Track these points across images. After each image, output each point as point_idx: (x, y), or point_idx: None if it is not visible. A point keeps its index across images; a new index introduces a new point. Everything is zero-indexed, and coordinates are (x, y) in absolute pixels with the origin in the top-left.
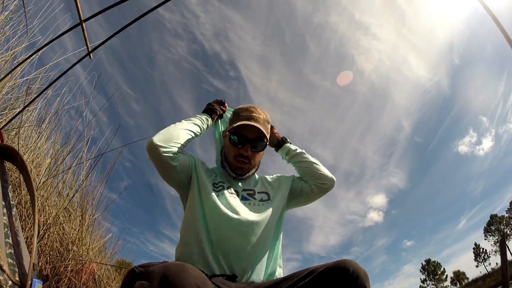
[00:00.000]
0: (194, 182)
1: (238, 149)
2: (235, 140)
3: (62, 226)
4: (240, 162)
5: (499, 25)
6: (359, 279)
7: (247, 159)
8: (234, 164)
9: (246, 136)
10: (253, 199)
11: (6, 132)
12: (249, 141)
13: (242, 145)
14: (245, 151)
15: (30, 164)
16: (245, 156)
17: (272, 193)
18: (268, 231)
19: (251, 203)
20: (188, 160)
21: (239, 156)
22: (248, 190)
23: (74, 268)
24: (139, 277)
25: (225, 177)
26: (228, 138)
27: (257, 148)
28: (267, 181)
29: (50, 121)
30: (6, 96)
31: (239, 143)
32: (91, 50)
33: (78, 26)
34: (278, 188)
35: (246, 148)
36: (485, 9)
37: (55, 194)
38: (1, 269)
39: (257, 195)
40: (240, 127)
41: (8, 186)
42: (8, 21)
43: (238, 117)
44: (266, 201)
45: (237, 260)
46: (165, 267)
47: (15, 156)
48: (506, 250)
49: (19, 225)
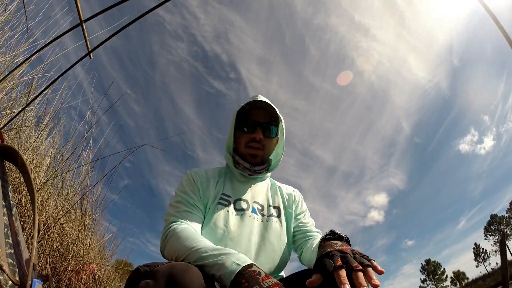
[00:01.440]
0: None
1: (249, 134)
2: (246, 125)
3: (62, 226)
4: (252, 148)
5: (499, 25)
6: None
7: (260, 144)
8: (247, 153)
9: (258, 120)
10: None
11: (6, 132)
12: (260, 125)
13: (253, 130)
14: (257, 135)
15: (30, 164)
16: (257, 140)
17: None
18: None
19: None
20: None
21: (251, 141)
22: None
23: (74, 268)
24: (144, 276)
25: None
26: (237, 128)
27: (270, 133)
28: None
29: (50, 121)
30: (6, 96)
31: (250, 128)
32: (91, 50)
33: (78, 26)
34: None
35: (258, 132)
36: (485, 9)
37: (55, 194)
38: (1, 269)
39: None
40: (247, 112)
41: (8, 186)
42: (9, 21)
43: (243, 108)
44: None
45: None
46: (170, 266)
47: (15, 156)
48: (506, 250)
49: (19, 225)
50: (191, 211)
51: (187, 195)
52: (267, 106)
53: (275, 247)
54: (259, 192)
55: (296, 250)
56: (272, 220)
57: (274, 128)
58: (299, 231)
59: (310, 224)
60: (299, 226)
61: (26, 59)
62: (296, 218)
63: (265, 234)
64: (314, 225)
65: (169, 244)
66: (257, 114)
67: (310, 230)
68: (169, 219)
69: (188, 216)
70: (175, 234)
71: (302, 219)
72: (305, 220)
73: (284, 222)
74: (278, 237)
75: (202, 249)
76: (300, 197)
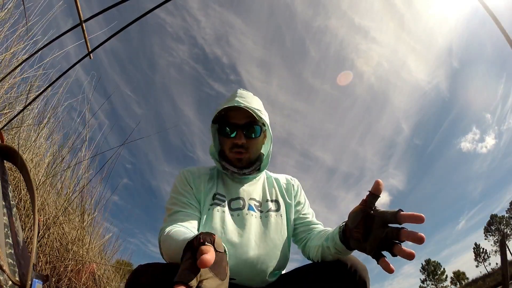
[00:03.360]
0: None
1: (231, 139)
2: (225, 130)
3: (62, 226)
4: (236, 153)
5: (499, 25)
6: (358, 274)
7: (243, 148)
8: (232, 157)
9: (235, 123)
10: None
11: (6, 132)
12: (240, 127)
13: (233, 133)
14: (238, 140)
15: (30, 163)
16: (240, 145)
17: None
18: None
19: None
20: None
21: (233, 146)
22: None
23: (74, 268)
24: (145, 273)
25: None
26: (219, 133)
27: (252, 133)
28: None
29: (49, 120)
30: (6, 95)
31: (230, 132)
32: (91, 50)
33: (78, 26)
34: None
35: (239, 135)
36: (485, 9)
37: (55, 193)
38: (1, 269)
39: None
40: (225, 115)
41: (8, 186)
42: (7, 19)
43: (220, 113)
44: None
45: (244, 268)
46: (167, 265)
47: (15, 156)
48: (506, 250)
49: (19, 225)
50: (184, 210)
51: (180, 195)
52: (243, 107)
53: (277, 242)
54: (255, 188)
55: (297, 242)
56: (271, 215)
57: (257, 127)
58: (301, 223)
59: (310, 215)
60: (301, 218)
61: (26, 58)
62: (296, 210)
63: (265, 231)
64: (314, 216)
65: (162, 248)
66: (236, 116)
67: (312, 221)
68: (162, 224)
69: (182, 216)
70: (164, 238)
71: (302, 210)
72: (305, 211)
73: (284, 216)
74: (279, 232)
75: (179, 246)
76: (298, 185)
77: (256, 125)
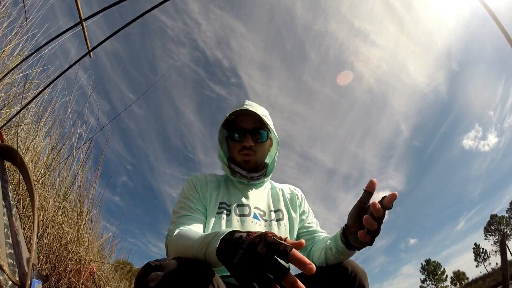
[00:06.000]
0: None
1: (240, 142)
2: (235, 135)
3: (62, 226)
4: (245, 154)
5: (500, 25)
6: (358, 278)
7: (251, 150)
8: (241, 159)
9: (244, 127)
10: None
11: (5, 131)
12: (248, 131)
13: (242, 137)
14: (246, 142)
15: (29, 162)
16: (248, 147)
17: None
18: None
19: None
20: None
21: (242, 148)
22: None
23: (73, 268)
24: (155, 269)
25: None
26: (228, 138)
27: (260, 138)
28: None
29: (48, 119)
30: (5, 94)
31: (239, 136)
32: (91, 49)
33: (78, 25)
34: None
35: (248, 138)
36: (485, 9)
37: (53, 192)
38: (1, 269)
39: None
40: (235, 120)
41: (8, 186)
42: (5, 16)
43: (230, 117)
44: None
45: None
46: (180, 259)
47: (15, 156)
48: (506, 250)
49: (19, 225)
50: (191, 215)
51: (187, 199)
52: (252, 111)
53: None
54: (260, 197)
55: (302, 251)
56: (275, 224)
57: (264, 132)
58: (306, 231)
59: (315, 224)
60: (305, 227)
61: (25, 58)
62: (301, 219)
63: None
64: (318, 225)
65: (170, 250)
66: (244, 121)
67: (316, 230)
68: (170, 227)
69: (189, 220)
70: (173, 239)
71: (307, 219)
72: (310, 220)
73: (287, 226)
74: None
75: (195, 243)
76: (302, 195)
77: (263, 130)
